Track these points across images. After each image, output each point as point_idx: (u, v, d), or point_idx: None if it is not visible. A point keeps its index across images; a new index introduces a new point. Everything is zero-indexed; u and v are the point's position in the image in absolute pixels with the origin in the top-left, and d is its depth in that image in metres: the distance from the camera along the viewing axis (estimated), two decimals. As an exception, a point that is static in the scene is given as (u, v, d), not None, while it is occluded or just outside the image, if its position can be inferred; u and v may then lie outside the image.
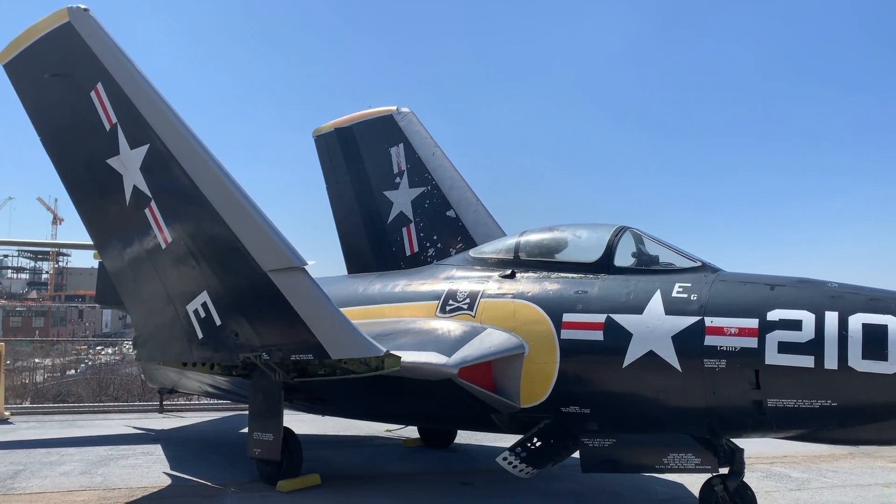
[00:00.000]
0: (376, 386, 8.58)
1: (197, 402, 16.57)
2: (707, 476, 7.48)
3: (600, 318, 7.72)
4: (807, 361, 6.67)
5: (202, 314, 8.40)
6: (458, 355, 7.89)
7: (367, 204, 12.27)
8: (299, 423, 11.16)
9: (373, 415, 10.57)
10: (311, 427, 12.56)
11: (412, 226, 11.75)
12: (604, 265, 8.27)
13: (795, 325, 6.80)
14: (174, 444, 11.86)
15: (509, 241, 9.51)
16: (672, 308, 7.41)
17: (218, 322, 8.31)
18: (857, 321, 6.61)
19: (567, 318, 7.94)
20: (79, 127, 8.95)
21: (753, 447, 9.29)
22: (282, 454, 8.70)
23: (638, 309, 7.57)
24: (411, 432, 12.48)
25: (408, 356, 7.90)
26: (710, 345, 7.07)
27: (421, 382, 8.15)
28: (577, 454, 8.03)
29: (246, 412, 11.63)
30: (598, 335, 7.68)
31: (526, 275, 8.78)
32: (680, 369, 7.18)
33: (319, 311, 7.77)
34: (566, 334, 7.89)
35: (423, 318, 9.11)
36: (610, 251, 8.34)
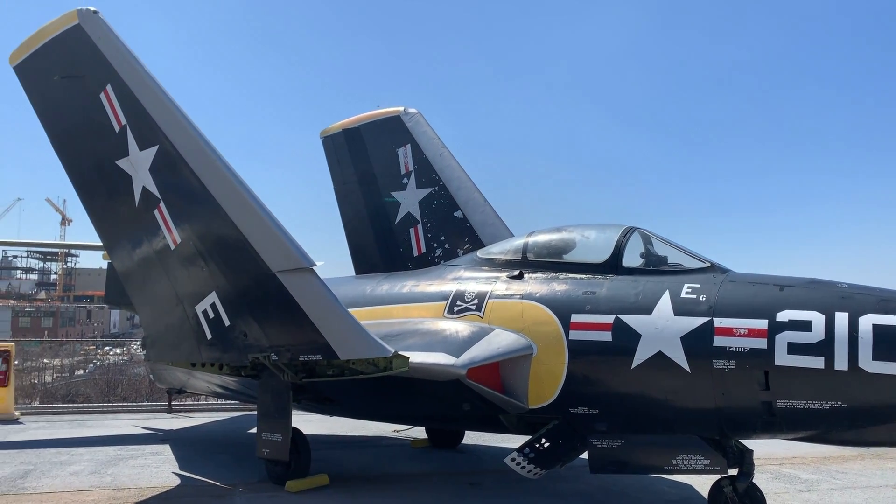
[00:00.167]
0: (384, 386, 8.59)
1: (205, 403, 16.61)
2: (716, 477, 7.46)
3: (609, 318, 7.70)
4: (817, 362, 6.65)
5: (211, 315, 8.43)
6: (467, 356, 7.89)
7: (375, 204, 12.29)
8: (307, 423, 11.17)
9: (381, 415, 10.58)
10: (319, 427, 12.58)
11: (420, 226, 11.76)
12: (612, 266, 8.26)
13: (805, 325, 6.78)
14: (183, 445, 11.90)
15: (517, 242, 9.50)
16: (681, 309, 7.39)
17: (227, 323, 8.33)
18: (867, 322, 6.58)
19: (575, 318, 7.92)
20: (88, 128, 8.99)
21: (763, 448, 9.25)
22: (290, 454, 8.72)
23: (647, 310, 7.55)
24: (419, 433, 12.50)
25: (416, 357, 7.90)
26: (719, 346, 7.05)
27: (429, 383, 8.16)
28: (585, 455, 8.02)
29: (254, 412, 11.68)
30: (606, 336, 7.66)
31: (534, 275, 8.77)
32: (689, 370, 7.16)
33: (328, 311, 7.79)
34: (574, 335, 7.88)
35: (431, 318, 9.11)
36: (618, 252, 8.32)
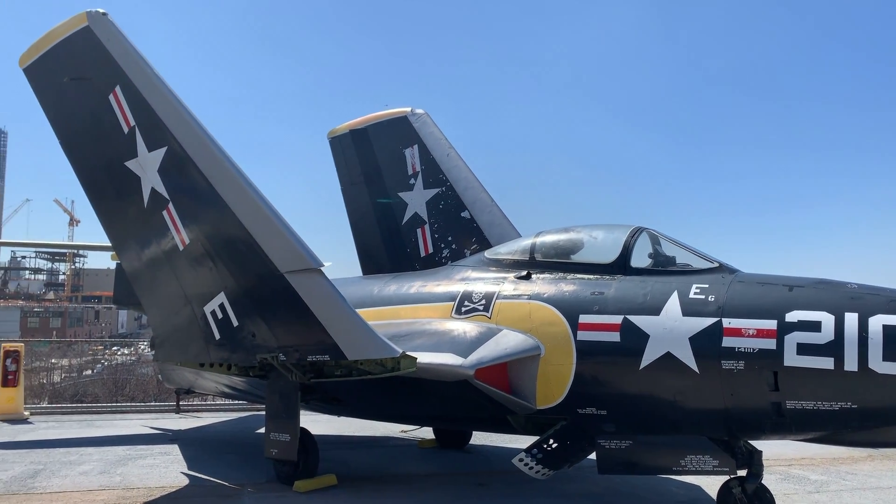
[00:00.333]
0: (392, 387, 8.60)
1: (212, 403, 16.65)
2: (725, 478, 7.44)
3: (617, 319, 7.69)
4: (826, 363, 6.63)
5: (219, 315, 8.46)
6: (474, 356, 7.89)
7: (382, 205, 12.30)
8: (315, 423, 11.19)
9: (388, 415, 10.59)
10: (327, 427, 12.59)
11: (427, 227, 11.77)
12: (620, 266, 8.24)
13: (814, 326, 6.75)
14: (191, 445, 11.93)
15: (525, 242, 9.49)
16: (689, 309, 7.37)
17: (235, 323, 8.36)
18: (877, 322, 6.56)
19: (583, 319, 7.91)
20: (97, 130, 9.04)
21: (771, 449, 9.23)
22: (298, 454, 8.73)
23: (655, 310, 7.53)
24: (426, 433, 12.51)
25: (424, 357, 7.92)
26: (727, 346, 7.03)
27: (437, 383, 8.16)
28: (593, 456, 8.02)
29: (261, 412, 11.74)
30: (614, 336, 7.65)
31: (542, 276, 8.76)
32: (697, 371, 7.14)
33: (336, 312, 7.81)
34: (582, 335, 7.87)
35: (439, 319, 9.12)
36: (626, 252, 8.30)
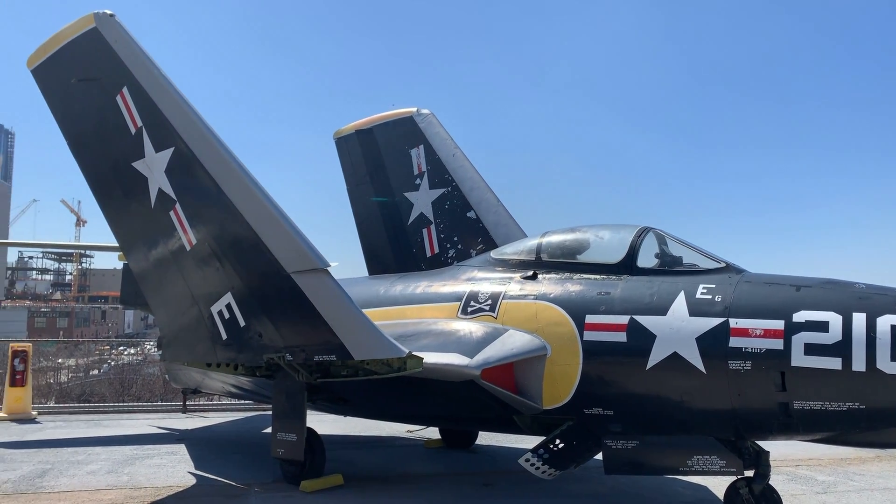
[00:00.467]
0: (398, 387, 8.60)
1: (219, 403, 16.69)
2: (732, 479, 7.43)
3: (623, 319, 7.68)
4: (834, 363, 6.60)
5: (226, 315, 8.48)
6: (481, 356, 7.89)
7: (388, 205, 12.32)
8: (321, 423, 11.20)
9: (395, 415, 10.61)
10: (333, 427, 12.61)
11: (433, 227, 11.78)
12: (627, 266, 8.23)
13: (822, 326, 6.73)
14: (198, 444, 11.97)
15: (531, 242, 9.49)
16: (696, 309, 7.36)
17: (242, 323, 8.38)
18: (885, 322, 6.53)
19: (590, 319, 7.91)
20: (105, 130, 9.07)
21: (779, 449, 9.19)
22: (305, 454, 8.75)
23: (661, 310, 7.52)
24: (433, 433, 12.51)
25: (430, 357, 7.91)
26: (734, 346, 7.02)
27: (443, 383, 8.17)
28: (599, 456, 8.01)
29: (268, 412, 11.72)
30: (621, 337, 7.64)
31: (548, 276, 8.75)
32: (704, 371, 7.13)
33: (342, 312, 7.82)
34: (589, 336, 7.86)
35: (445, 319, 9.12)
36: (633, 252, 8.30)
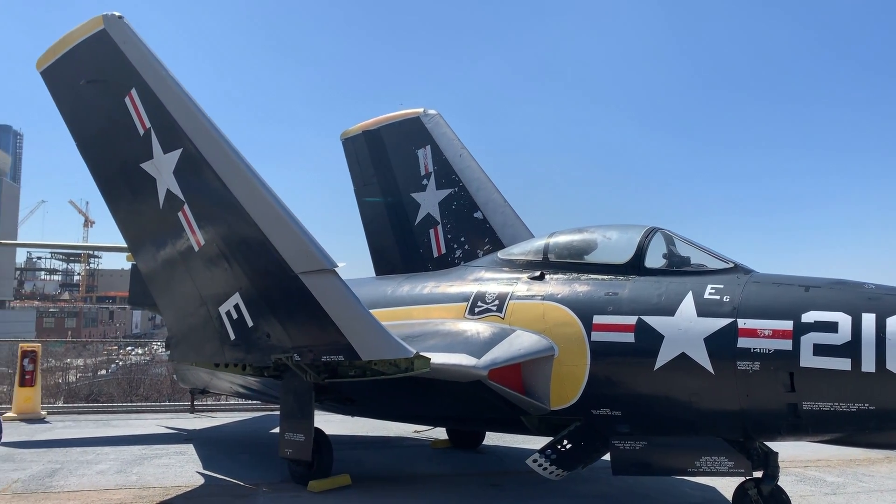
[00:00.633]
0: (406, 387, 8.61)
1: (227, 403, 16.76)
2: (740, 480, 7.40)
3: (631, 319, 7.67)
4: (843, 364, 6.57)
5: (234, 316, 8.51)
6: (488, 357, 7.89)
7: (395, 206, 12.33)
8: (329, 423, 11.23)
9: (402, 416, 10.61)
10: (340, 427, 12.64)
11: (439, 227, 11.78)
12: (634, 266, 8.21)
13: (831, 326, 6.70)
14: (206, 444, 12.01)
15: (538, 243, 9.48)
16: (704, 310, 7.34)
17: (250, 323, 8.41)
18: (895, 323, 6.50)
19: (597, 319, 7.90)
20: (113, 132, 9.11)
21: (787, 450, 9.17)
22: (313, 454, 8.76)
23: (669, 311, 7.51)
24: (440, 433, 12.52)
25: (437, 358, 7.92)
26: (743, 347, 7.00)
27: (450, 384, 8.17)
28: (607, 457, 7.99)
29: (276, 413, 11.76)
30: (629, 337, 7.63)
31: (555, 276, 8.75)
32: (713, 372, 7.11)
33: (350, 312, 7.83)
34: (596, 336, 7.85)
35: (452, 319, 9.12)
36: (641, 252, 8.28)
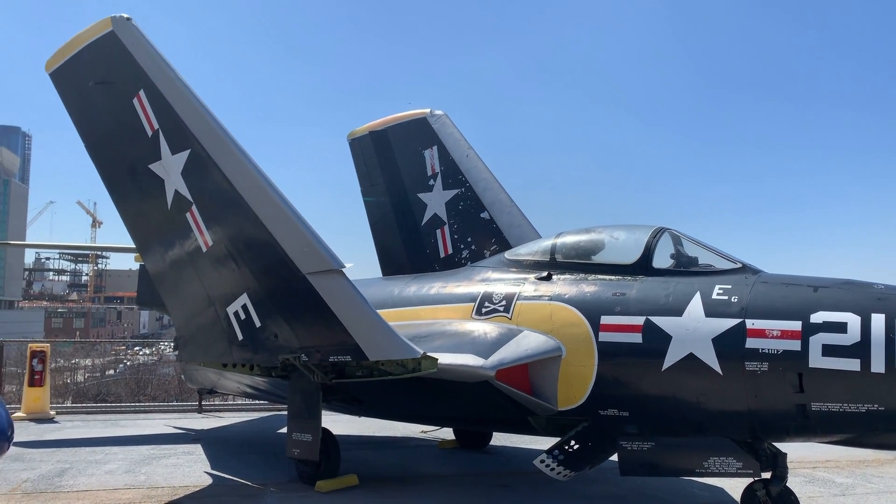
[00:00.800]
0: (413, 387, 8.61)
1: (234, 403, 16.80)
2: (749, 480, 7.38)
3: (639, 320, 7.65)
4: (852, 364, 6.55)
5: (242, 316, 8.53)
6: (495, 357, 7.89)
7: (402, 206, 12.34)
8: (336, 423, 11.24)
9: (409, 416, 10.62)
10: (347, 428, 12.65)
11: (446, 227, 11.79)
12: (642, 267, 8.20)
13: (840, 327, 6.68)
14: (214, 444, 12.04)
15: (545, 243, 9.47)
16: (712, 310, 7.32)
17: (258, 324, 8.43)
18: None
19: (605, 320, 7.88)
20: (122, 133, 9.16)
21: (796, 451, 9.12)
22: (320, 454, 8.77)
23: (677, 311, 7.49)
24: (447, 434, 12.52)
25: (445, 358, 7.92)
26: (751, 347, 6.98)
27: (458, 384, 8.17)
28: (615, 457, 7.99)
29: (283, 413, 11.81)
30: (636, 338, 7.61)
31: (563, 277, 8.74)
32: (721, 372, 7.09)
33: (357, 313, 7.84)
34: (604, 337, 7.84)
35: (459, 319, 9.12)
36: (648, 252, 8.26)
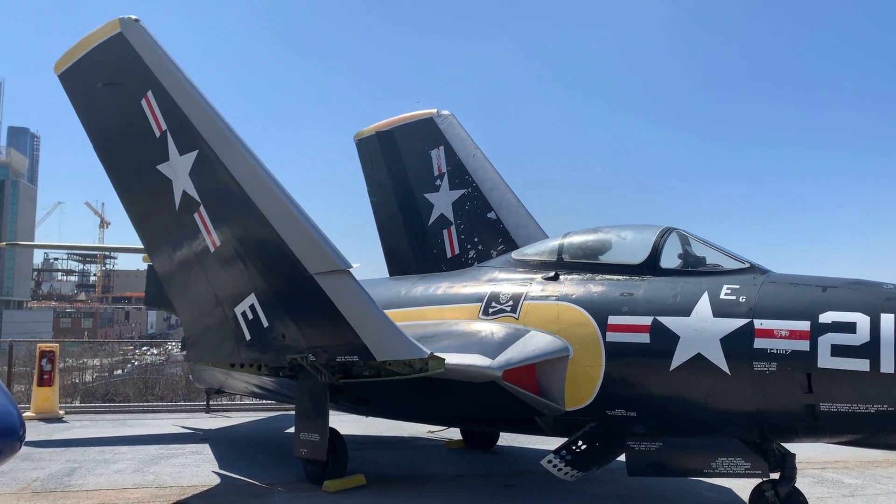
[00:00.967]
0: (420, 387, 8.62)
1: (242, 402, 16.84)
2: (757, 481, 7.37)
3: (646, 320, 7.64)
4: (861, 365, 6.52)
5: (250, 316, 8.56)
6: (503, 357, 7.89)
7: (408, 206, 12.35)
8: (343, 423, 11.26)
9: (416, 416, 10.63)
10: (355, 427, 12.67)
11: (453, 228, 11.79)
12: (650, 267, 8.18)
13: (849, 327, 6.65)
14: (222, 444, 12.08)
15: (552, 243, 9.47)
16: (720, 310, 7.30)
17: (265, 324, 8.45)
18: None
19: (612, 320, 7.87)
20: (130, 134, 9.20)
21: (804, 452, 9.08)
22: (328, 454, 8.81)
23: (685, 311, 7.47)
24: (454, 434, 12.52)
25: (452, 358, 7.92)
26: (759, 347, 6.96)
27: (465, 384, 8.17)
28: (622, 457, 7.98)
29: (291, 412, 11.81)
30: (644, 338, 7.60)
31: (570, 277, 8.73)
32: (729, 372, 7.07)
33: (364, 313, 7.86)
34: (612, 337, 7.83)
35: (466, 320, 9.13)
36: (656, 252, 8.25)
